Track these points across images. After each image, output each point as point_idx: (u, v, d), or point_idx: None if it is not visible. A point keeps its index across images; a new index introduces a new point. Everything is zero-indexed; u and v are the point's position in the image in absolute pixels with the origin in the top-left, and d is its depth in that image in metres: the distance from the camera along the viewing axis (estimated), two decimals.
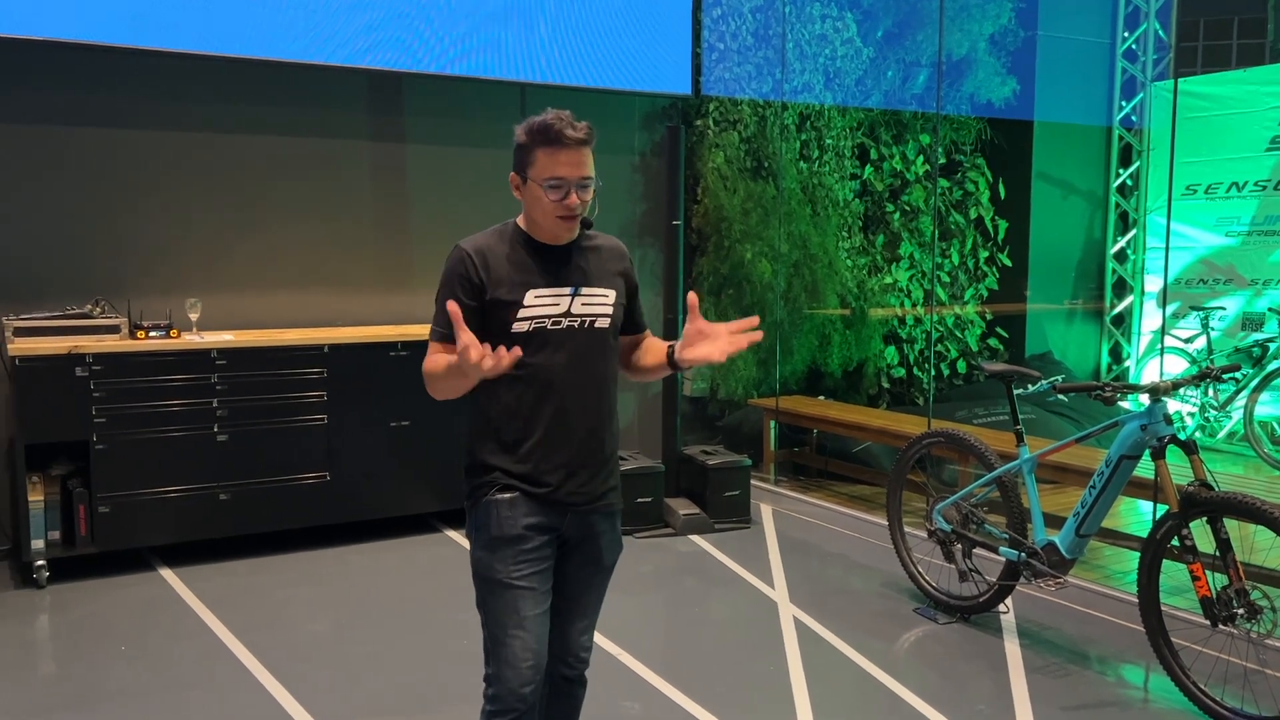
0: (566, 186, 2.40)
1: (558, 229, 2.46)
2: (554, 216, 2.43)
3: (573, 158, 2.40)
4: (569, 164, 2.40)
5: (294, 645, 4.25)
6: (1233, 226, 8.20)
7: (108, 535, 4.98)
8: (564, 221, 2.45)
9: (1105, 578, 5.18)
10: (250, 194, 5.86)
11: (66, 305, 5.24)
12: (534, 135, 2.42)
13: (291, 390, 5.35)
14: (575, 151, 2.40)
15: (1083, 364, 9.09)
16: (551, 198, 2.41)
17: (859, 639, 4.35)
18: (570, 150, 2.40)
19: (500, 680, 2.44)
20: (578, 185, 2.41)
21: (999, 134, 8.34)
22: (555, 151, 2.39)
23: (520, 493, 2.47)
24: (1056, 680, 3.97)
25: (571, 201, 2.41)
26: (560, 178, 2.40)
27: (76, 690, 3.85)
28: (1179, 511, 3.69)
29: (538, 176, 2.41)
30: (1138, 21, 8.84)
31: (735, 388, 7.33)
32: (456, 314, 2.26)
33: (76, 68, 5.36)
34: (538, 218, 2.47)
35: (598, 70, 6.49)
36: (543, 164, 2.40)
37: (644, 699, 3.79)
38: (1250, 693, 3.72)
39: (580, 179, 2.42)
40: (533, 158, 2.42)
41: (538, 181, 2.41)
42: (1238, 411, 7.67)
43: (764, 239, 7.26)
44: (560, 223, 2.45)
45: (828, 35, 7.59)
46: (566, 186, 2.40)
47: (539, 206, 2.44)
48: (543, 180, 2.40)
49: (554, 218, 2.44)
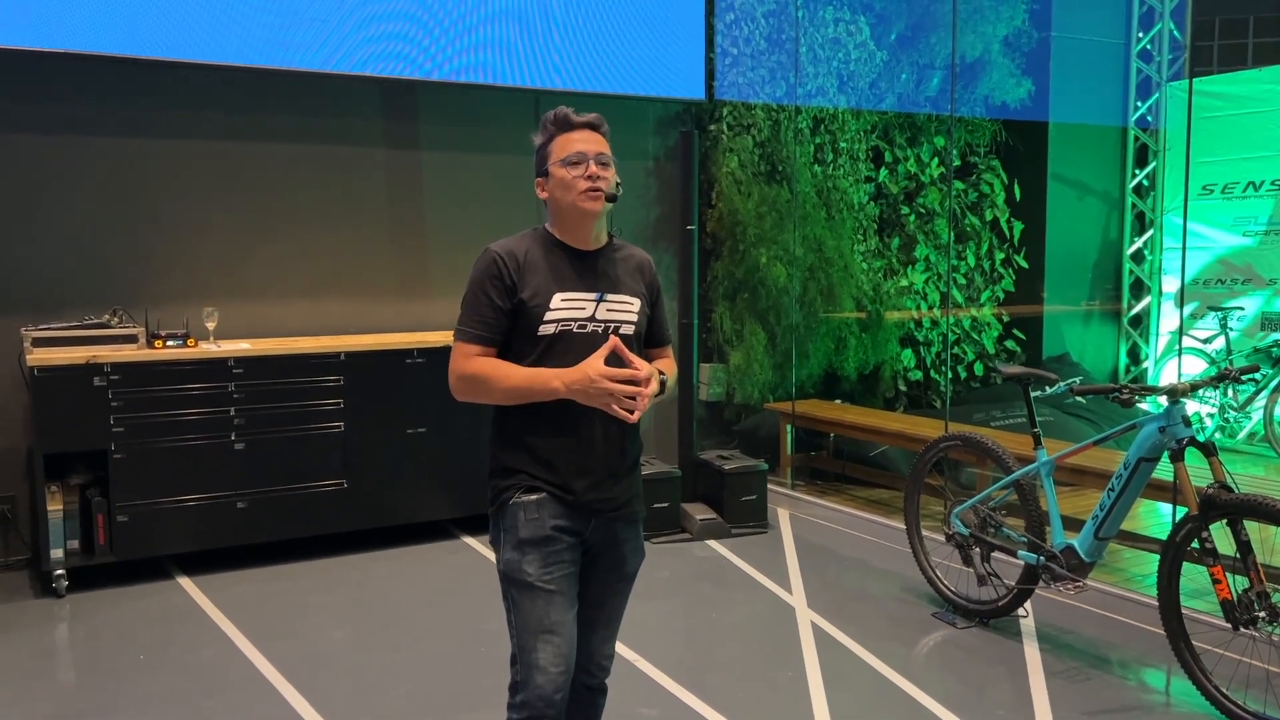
0: (585, 159, 2.46)
1: (584, 207, 2.47)
2: (580, 192, 2.46)
3: (586, 136, 2.50)
4: (584, 141, 2.49)
5: (313, 653, 4.25)
6: (1250, 226, 8.15)
7: (126, 544, 5.01)
8: (589, 195, 2.46)
9: (1125, 581, 5.15)
10: (266, 203, 5.88)
11: (84, 315, 5.27)
12: (547, 128, 2.53)
13: (308, 398, 5.37)
14: (588, 131, 2.51)
15: (1100, 366, 9.04)
16: (573, 173, 2.46)
17: (877, 644, 4.33)
18: (583, 130, 2.51)
19: (530, 686, 2.42)
20: (596, 159, 2.47)
21: (1014, 135, 8.32)
22: (569, 133, 2.50)
23: (546, 494, 2.47)
24: (1077, 684, 3.94)
25: (593, 171, 2.45)
26: (578, 151, 2.47)
27: (95, 699, 3.86)
28: (1199, 514, 3.67)
29: (557, 159, 2.48)
30: (1152, 21, 8.80)
31: (751, 392, 7.32)
32: (612, 344, 2.39)
33: (94, 79, 5.39)
34: (565, 205, 2.49)
35: (611, 76, 6.50)
36: (560, 147, 2.49)
37: (661, 705, 3.78)
38: (1273, 696, 3.69)
39: (598, 154, 2.48)
40: (550, 148, 2.51)
41: (558, 163, 2.47)
42: (1257, 412, 7.63)
43: (779, 243, 7.25)
44: (586, 197, 2.46)
45: (841, 39, 7.58)
46: (585, 159, 2.46)
47: (565, 190, 2.47)
48: (562, 159, 2.47)
49: (580, 193, 2.46)
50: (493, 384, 2.43)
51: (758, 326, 7.31)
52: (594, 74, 6.44)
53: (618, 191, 2.50)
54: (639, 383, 2.37)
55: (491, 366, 2.44)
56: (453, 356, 2.48)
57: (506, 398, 2.45)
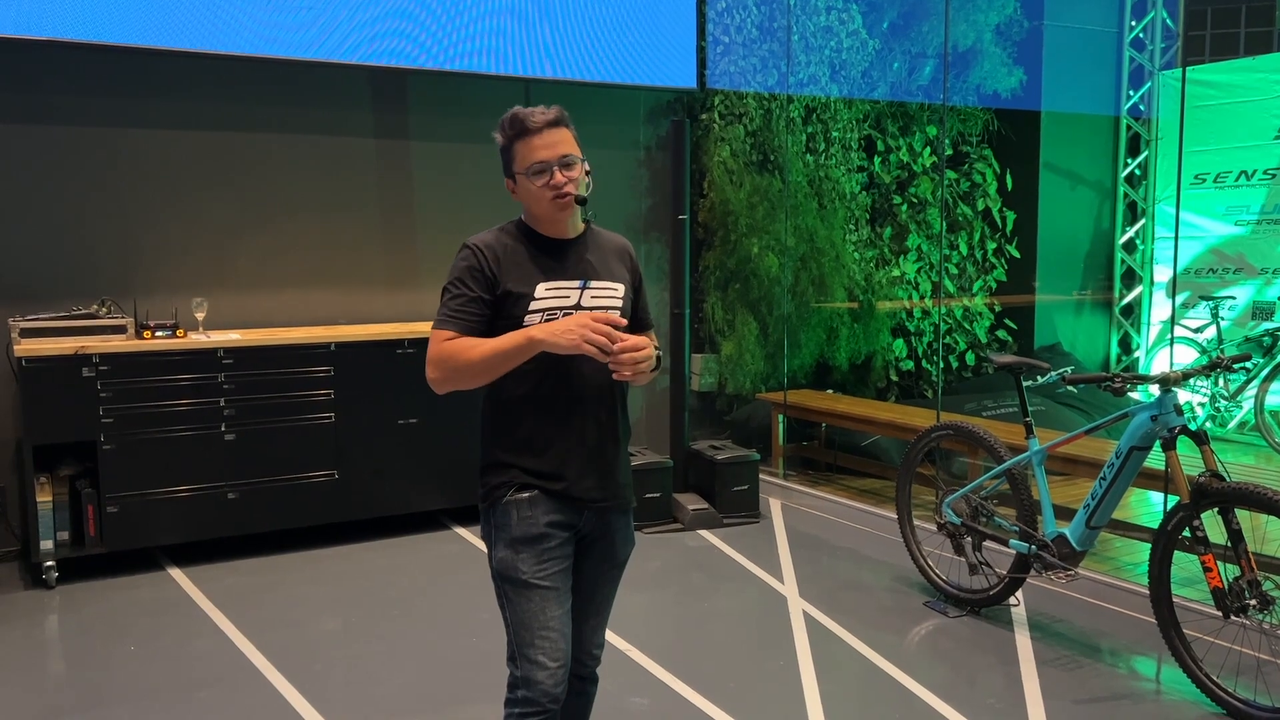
0: (548, 168, 2.43)
1: (555, 213, 2.46)
2: (548, 201, 2.44)
3: (546, 140, 2.44)
4: (544, 146, 2.44)
5: (304, 644, 4.25)
6: (1242, 215, 8.16)
7: (116, 535, 4.99)
8: (559, 204, 2.44)
9: (1116, 569, 5.16)
10: (255, 192, 5.85)
11: (72, 306, 5.25)
12: (506, 132, 2.48)
13: (299, 389, 5.35)
14: (547, 134, 2.45)
15: (1092, 355, 9.05)
16: (538, 183, 2.43)
17: (869, 633, 4.34)
18: (542, 134, 2.44)
19: (531, 683, 2.41)
20: (560, 164, 2.44)
21: (1006, 125, 8.31)
22: (528, 139, 2.44)
23: (539, 490, 2.46)
24: (1068, 673, 3.95)
25: (558, 180, 2.43)
26: (540, 161, 2.43)
27: (86, 691, 3.85)
28: (1190, 502, 3.67)
29: (521, 168, 2.45)
30: (1145, 10, 8.79)
31: (743, 382, 7.32)
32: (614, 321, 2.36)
33: (81, 68, 5.36)
34: (536, 210, 2.49)
35: (602, 65, 6.47)
36: (522, 155, 2.45)
37: (653, 694, 3.78)
38: (1263, 684, 3.70)
39: (560, 158, 2.44)
40: (512, 153, 2.47)
41: (523, 173, 2.45)
42: (1248, 401, 7.64)
43: (770, 233, 7.24)
44: (556, 206, 2.45)
45: (833, 27, 7.56)
46: (548, 168, 2.43)
47: (533, 198, 2.46)
48: (526, 169, 2.44)
49: (548, 202, 2.44)
50: (465, 355, 2.36)
51: (749, 317, 7.31)
52: (585, 62, 6.41)
53: (588, 190, 2.49)
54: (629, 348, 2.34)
55: (462, 342, 2.39)
56: (430, 343, 2.43)
57: (484, 367, 2.37)
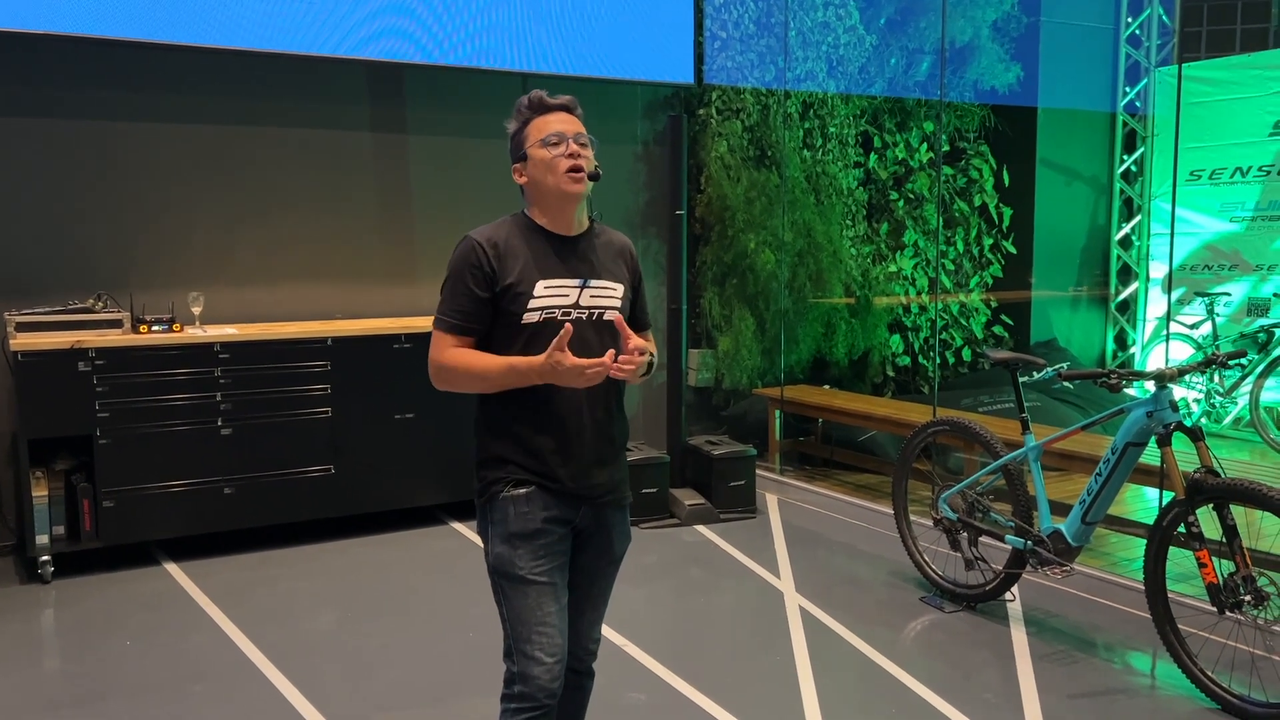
0: (565, 138, 2.45)
1: (567, 187, 2.45)
2: (562, 172, 2.44)
3: (562, 117, 2.49)
4: (561, 122, 2.48)
5: (300, 639, 4.25)
6: (1237, 212, 8.17)
7: (112, 530, 4.99)
8: (573, 178, 2.44)
9: (1111, 565, 5.17)
10: (252, 187, 5.84)
11: (68, 300, 5.24)
12: (522, 112, 2.52)
13: (295, 383, 5.34)
14: (564, 113, 2.50)
15: (1088, 351, 9.07)
16: (554, 152, 2.44)
17: (865, 628, 4.34)
18: (559, 111, 2.50)
19: (529, 679, 2.41)
20: (576, 139, 2.46)
21: (1003, 121, 8.31)
22: (545, 116, 2.49)
23: (536, 486, 2.46)
24: (1063, 668, 3.96)
25: (574, 149, 2.44)
26: (557, 132, 2.46)
27: (82, 686, 3.85)
28: (1185, 498, 3.68)
29: (536, 139, 2.46)
30: (1141, 6, 8.79)
31: (740, 377, 7.32)
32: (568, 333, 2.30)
33: (77, 62, 5.34)
34: (547, 185, 2.46)
35: (600, 60, 6.47)
36: (537, 129, 2.48)
37: (650, 689, 3.78)
38: (1257, 679, 3.71)
39: (577, 133, 2.47)
40: (526, 132, 2.49)
41: (537, 144, 2.46)
42: (1243, 397, 7.66)
43: (768, 228, 7.24)
44: (569, 180, 2.44)
45: (830, 23, 7.55)
46: (565, 138, 2.45)
47: (545, 171, 2.45)
48: (541, 139, 2.45)
49: (562, 174, 2.44)
50: (469, 376, 2.42)
51: (746, 312, 7.31)
52: (582, 57, 6.41)
53: (598, 171, 2.49)
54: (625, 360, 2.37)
55: (468, 358, 2.42)
56: (432, 345, 2.47)
57: (485, 388, 2.44)
